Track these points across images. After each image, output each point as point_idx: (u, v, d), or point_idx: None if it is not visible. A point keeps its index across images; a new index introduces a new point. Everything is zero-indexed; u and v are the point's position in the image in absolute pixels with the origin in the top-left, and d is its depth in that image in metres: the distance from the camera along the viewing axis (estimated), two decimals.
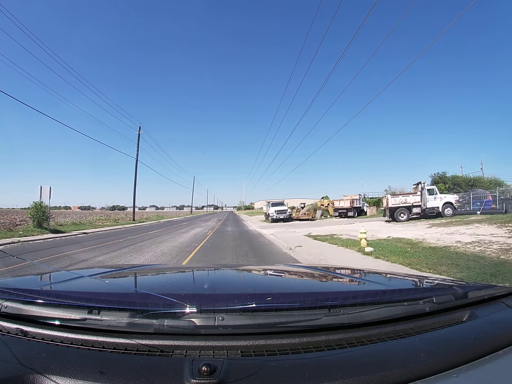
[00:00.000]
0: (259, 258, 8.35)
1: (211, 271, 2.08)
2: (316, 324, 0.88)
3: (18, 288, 1.11)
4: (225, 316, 0.85)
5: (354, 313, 0.92)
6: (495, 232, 10.26)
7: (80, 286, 1.41)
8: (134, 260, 8.36)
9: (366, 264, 6.07)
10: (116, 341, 0.82)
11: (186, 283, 1.66)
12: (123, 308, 0.90)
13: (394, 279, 1.67)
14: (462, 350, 0.80)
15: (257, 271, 2.33)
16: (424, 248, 7.83)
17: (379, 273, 2.02)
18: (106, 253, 9.61)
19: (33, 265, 5.95)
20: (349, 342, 0.83)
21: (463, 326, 0.94)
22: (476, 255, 6.53)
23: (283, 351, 0.79)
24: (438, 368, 0.71)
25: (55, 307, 0.93)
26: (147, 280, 1.74)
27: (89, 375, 0.68)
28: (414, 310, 0.98)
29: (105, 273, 1.73)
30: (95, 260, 8.36)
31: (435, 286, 1.39)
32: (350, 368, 0.70)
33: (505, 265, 5.34)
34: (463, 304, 1.06)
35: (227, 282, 1.71)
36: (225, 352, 0.79)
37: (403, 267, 5.78)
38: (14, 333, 0.88)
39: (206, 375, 0.65)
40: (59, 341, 0.84)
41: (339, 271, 2.13)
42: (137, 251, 9.93)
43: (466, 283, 1.53)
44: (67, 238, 15.67)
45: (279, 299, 1.02)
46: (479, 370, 0.72)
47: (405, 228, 14.88)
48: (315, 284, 1.69)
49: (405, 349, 0.79)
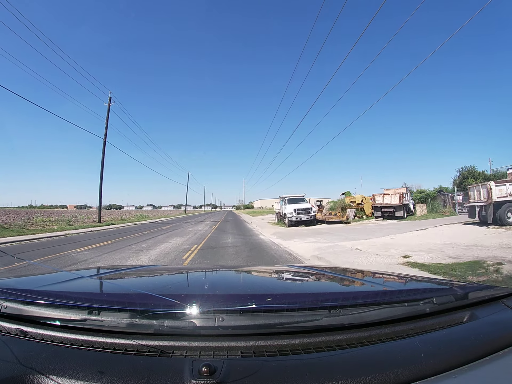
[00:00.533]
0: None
1: (211, 272, 2.08)
2: (316, 324, 0.88)
3: (18, 288, 1.12)
4: (225, 317, 0.85)
5: (354, 314, 0.92)
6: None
7: (80, 287, 1.39)
8: None
9: None
10: (116, 341, 0.82)
11: (186, 283, 1.66)
12: (123, 309, 0.89)
13: (394, 280, 1.69)
14: (462, 351, 0.80)
15: (257, 272, 2.31)
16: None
17: (379, 273, 2.00)
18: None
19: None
20: (349, 343, 0.83)
21: (463, 327, 0.94)
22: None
23: (283, 352, 0.79)
24: (438, 369, 0.72)
25: (55, 308, 0.93)
26: (147, 281, 1.72)
27: (89, 376, 0.68)
28: (415, 311, 0.98)
29: (105, 274, 1.77)
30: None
31: (435, 286, 1.39)
32: (350, 368, 0.70)
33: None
34: (464, 305, 1.06)
35: (227, 283, 1.71)
36: (225, 352, 0.79)
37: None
38: (14, 333, 0.88)
39: (206, 375, 0.65)
40: (59, 341, 0.84)
41: (339, 271, 2.09)
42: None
43: (466, 283, 1.50)
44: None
45: (279, 300, 1.02)
46: (480, 371, 0.72)
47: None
48: (315, 284, 1.68)
49: (405, 350, 0.79)
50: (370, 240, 10.64)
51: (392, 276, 1.79)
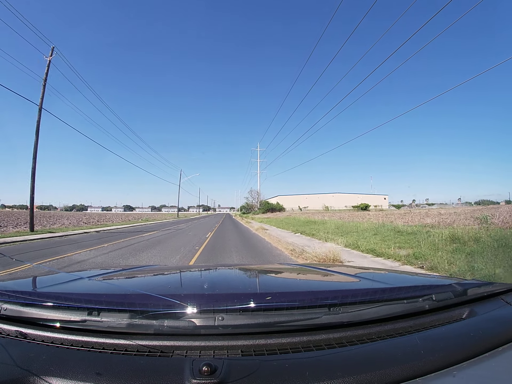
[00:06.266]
0: None
1: (210, 271, 2.07)
2: (316, 323, 0.88)
3: (17, 290, 1.10)
4: (225, 316, 0.85)
5: (354, 312, 0.92)
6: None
7: (80, 288, 1.38)
8: None
9: None
10: (116, 342, 0.82)
11: (186, 283, 1.65)
12: (123, 309, 0.89)
13: (393, 277, 1.68)
14: (461, 347, 0.80)
15: (257, 270, 2.25)
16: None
17: (378, 271, 2.02)
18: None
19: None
20: (349, 341, 0.83)
21: (462, 323, 0.95)
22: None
23: (284, 350, 0.79)
24: (438, 365, 0.72)
25: (54, 309, 0.93)
26: (147, 281, 1.71)
27: (89, 377, 0.68)
28: (414, 308, 0.98)
29: (105, 274, 1.73)
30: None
31: (434, 283, 1.39)
32: (350, 366, 0.71)
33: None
34: (463, 301, 1.06)
35: (227, 281, 1.70)
36: (225, 352, 0.79)
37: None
38: (14, 335, 0.87)
39: (207, 375, 0.65)
40: (59, 343, 0.83)
41: (338, 269, 2.04)
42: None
43: (465, 280, 1.47)
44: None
45: (278, 298, 1.02)
46: (479, 367, 0.72)
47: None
48: (315, 283, 1.68)
49: (405, 347, 0.79)
50: None
51: (391, 273, 1.77)
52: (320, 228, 15.96)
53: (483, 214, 12.49)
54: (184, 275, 1.94)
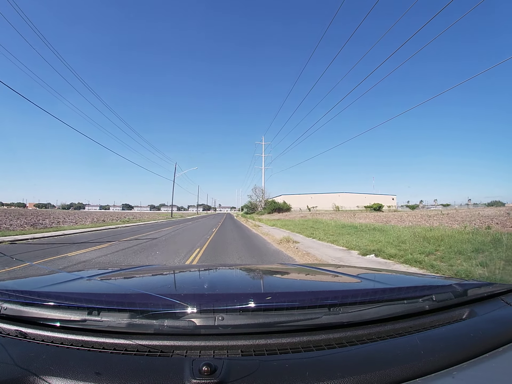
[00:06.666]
0: None
1: (210, 271, 2.05)
2: (316, 323, 0.88)
3: (17, 289, 1.10)
4: (225, 316, 0.85)
5: (354, 312, 0.92)
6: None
7: (80, 287, 1.38)
8: None
9: None
10: (116, 342, 0.82)
11: (186, 283, 1.65)
12: (123, 309, 0.89)
13: (393, 277, 1.68)
14: (462, 347, 0.80)
15: (257, 270, 2.24)
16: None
17: (378, 271, 2.01)
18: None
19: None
20: (349, 341, 0.83)
21: (462, 324, 0.94)
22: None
23: (284, 351, 0.79)
24: (438, 366, 0.71)
25: (54, 309, 0.92)
26: (147, 281, 1.70)
27: (89, 376, 0.67)
28: (414, 308, 0.98)
29: (105, 274, 1.73)
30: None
31: (434, 283, 1.39)
32: (350, 366, 0.70)
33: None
34: (463, 302, 1.06)
35: (227, 281, 1.70)
36: (225, 352, 0.79)
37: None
38: (14, 335, 0.87)
39: (207, 375, 0.65)
40: (59, 342, 0.83)
41: (338, 269, 2.00)
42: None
43: (466, 280, 1.47)
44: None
45: (278, 299, 1.01)
46: (479, 367, 0.72)
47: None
48: (315, 283, 1.67)
49: (405, 347, 0.79)
50: None
51: (391, 274, 1.77)
52: (383, 239, 9.37)
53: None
54: (184, 275, 1.94)
